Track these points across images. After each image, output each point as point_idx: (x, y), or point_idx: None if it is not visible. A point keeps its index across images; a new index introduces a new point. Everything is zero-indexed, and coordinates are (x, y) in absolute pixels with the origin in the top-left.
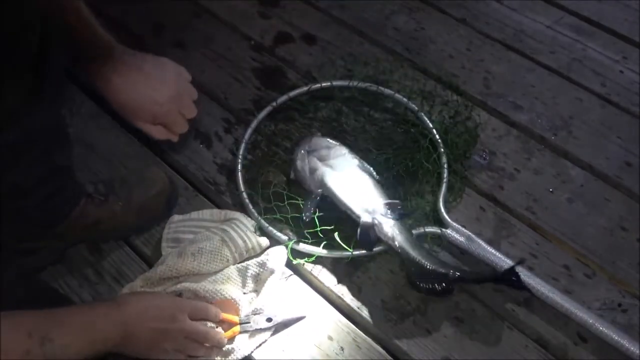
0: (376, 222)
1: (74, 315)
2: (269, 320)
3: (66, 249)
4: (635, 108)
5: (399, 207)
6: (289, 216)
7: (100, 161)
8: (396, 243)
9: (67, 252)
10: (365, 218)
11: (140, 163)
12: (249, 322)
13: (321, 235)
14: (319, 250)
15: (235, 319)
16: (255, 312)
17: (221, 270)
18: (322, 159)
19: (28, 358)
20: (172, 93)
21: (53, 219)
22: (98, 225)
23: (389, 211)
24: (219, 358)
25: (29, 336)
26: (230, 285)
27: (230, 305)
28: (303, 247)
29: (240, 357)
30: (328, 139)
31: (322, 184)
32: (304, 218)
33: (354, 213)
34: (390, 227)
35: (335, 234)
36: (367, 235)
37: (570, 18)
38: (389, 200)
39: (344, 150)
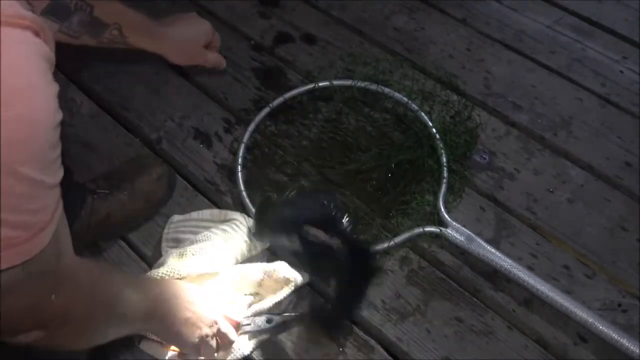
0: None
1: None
2: (269, 321)
3: (83, 250)
4: (635, 108)
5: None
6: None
7: (100, 161)
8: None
9: None
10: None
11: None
12: (249, 324)
13: None
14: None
15: (236, 319)
16: (256, 314)
17: (223, 270)
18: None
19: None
20: (203, 31)
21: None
22: (110, 218)
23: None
24: (219, 358)
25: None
26: (231, 287)
27: (230, 307)
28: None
29: (240, 357)
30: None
31: None
32: None
33: None
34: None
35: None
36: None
37: (570, 18)
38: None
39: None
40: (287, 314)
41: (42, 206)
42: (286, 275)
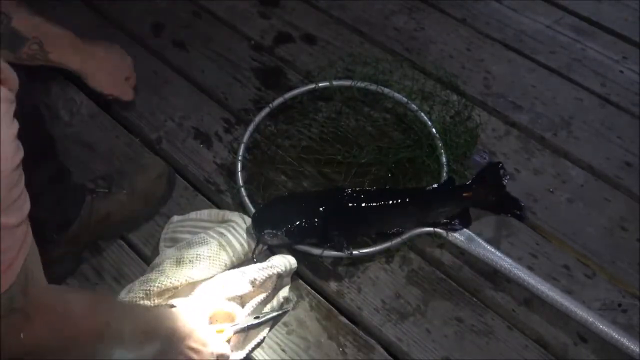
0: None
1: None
2: (257, 318)
3: (84, 250)
4: (635, 108)
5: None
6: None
7: (100, 161)
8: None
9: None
10: None
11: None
12: (237, 324)
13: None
14: (316, 250)
15: (227, 325)
16: (249, 315)
17: (219, 274)
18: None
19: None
20: (128, 63)
21: (66, 221)
22: (109, 218)
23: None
24: None
25: (107, 325)
26: (225, 293)
27: (225, 315)
28: (303, 247)
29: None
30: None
31: None
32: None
33: None
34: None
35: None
36: None
37: (570, 18)
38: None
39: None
40: (274, 309)
41: (5, 247)
42: (279, 271)
